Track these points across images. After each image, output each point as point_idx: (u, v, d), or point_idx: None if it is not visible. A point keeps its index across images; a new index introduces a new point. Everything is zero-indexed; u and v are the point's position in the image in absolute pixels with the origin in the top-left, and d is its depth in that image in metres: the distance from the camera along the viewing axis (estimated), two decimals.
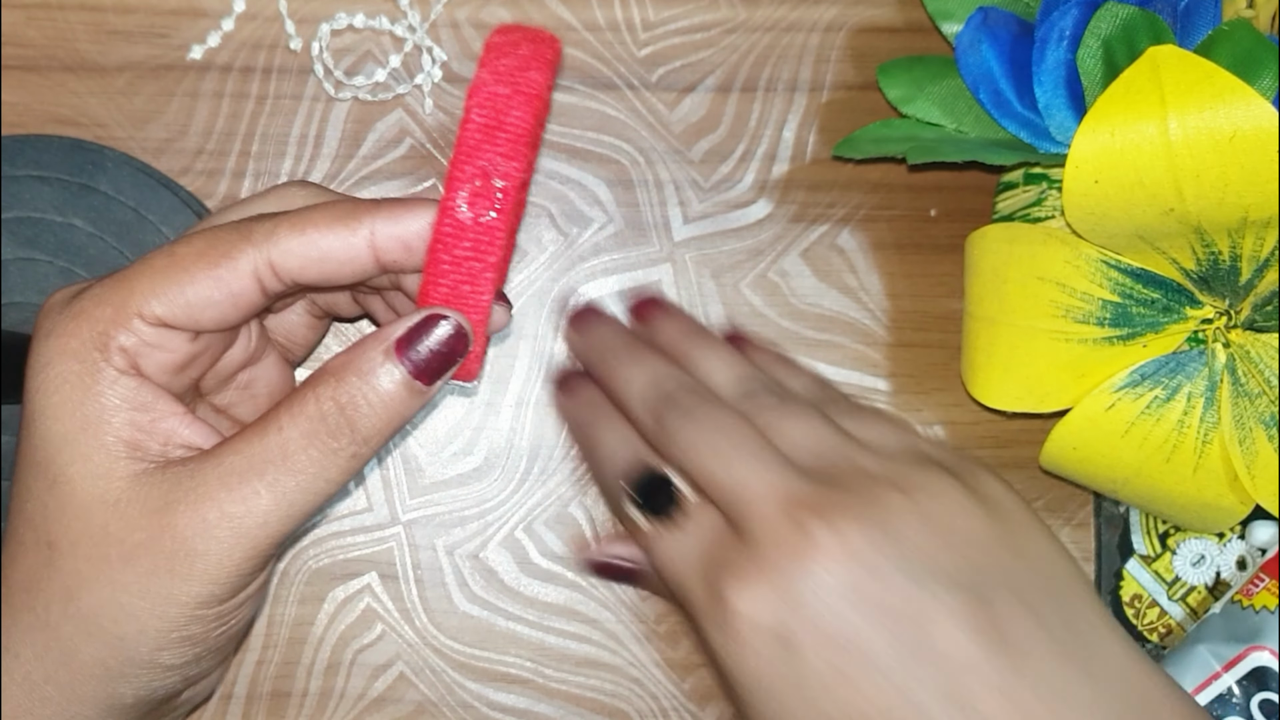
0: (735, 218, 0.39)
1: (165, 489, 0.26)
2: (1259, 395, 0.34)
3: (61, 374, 0.26)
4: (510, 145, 0.26)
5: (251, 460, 0.26)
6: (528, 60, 0.27)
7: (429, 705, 0.38)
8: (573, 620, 0.39)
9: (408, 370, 0.27)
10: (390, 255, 0.27)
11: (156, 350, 0.27)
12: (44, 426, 0.26)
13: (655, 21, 0.39)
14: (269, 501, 0.26)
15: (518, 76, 0.27)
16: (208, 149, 0.38)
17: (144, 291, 0.26)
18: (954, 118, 0.37)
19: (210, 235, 0.27)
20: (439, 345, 0.27)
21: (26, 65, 0.38)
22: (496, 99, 0.26)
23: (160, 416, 0.27)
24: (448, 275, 0.27)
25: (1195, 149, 0.31)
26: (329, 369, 0.27)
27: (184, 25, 0.38)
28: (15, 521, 0.27)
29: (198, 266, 0.27)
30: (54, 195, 0.36)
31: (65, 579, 0.26)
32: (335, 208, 0.27)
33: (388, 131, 0.39)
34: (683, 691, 0.39)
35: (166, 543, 0.26)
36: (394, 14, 0.39)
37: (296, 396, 0.27)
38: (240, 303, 0.27)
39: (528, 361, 0.39)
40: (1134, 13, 0.33)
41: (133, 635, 0.26)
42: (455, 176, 0.26)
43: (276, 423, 0.26)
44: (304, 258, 0.27)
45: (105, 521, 0.26)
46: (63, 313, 0.27)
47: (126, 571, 0.26)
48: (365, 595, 0.38)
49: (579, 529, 0.39)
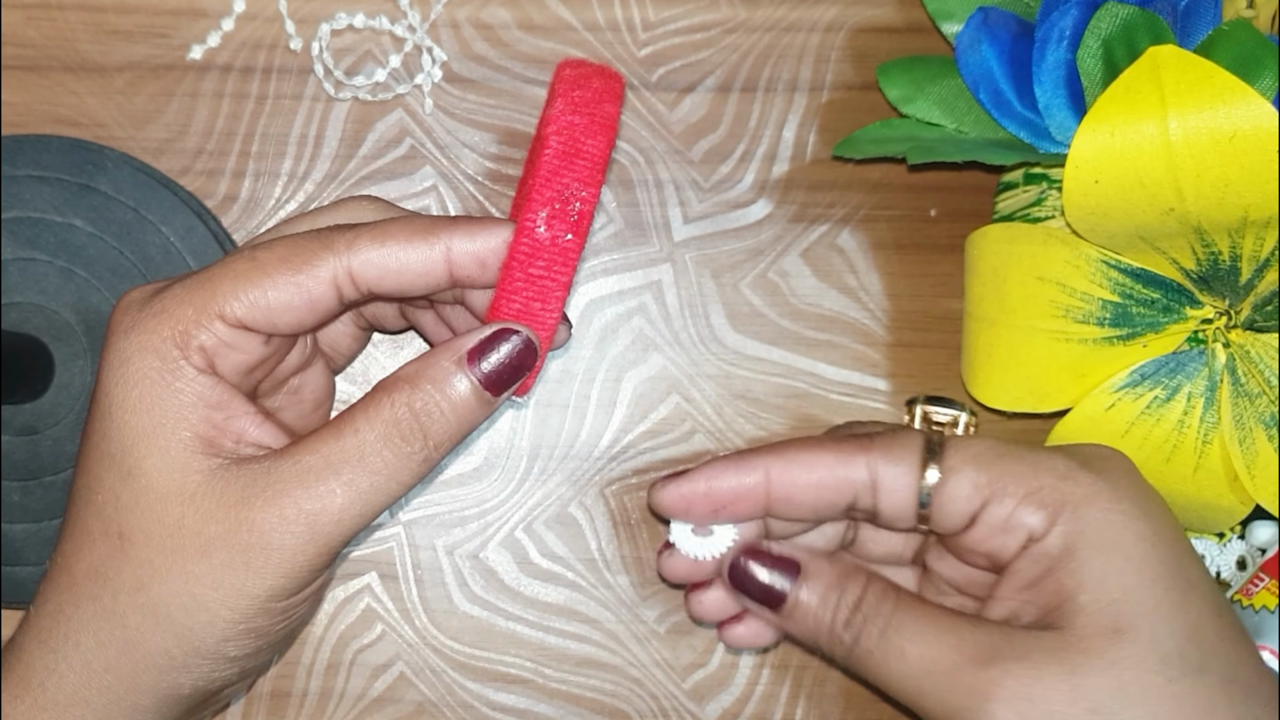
0: (735, 218, 0.39)
1: (241, 484, 0.27)
2: (1259, 395, 0.34)
3: (141, 369, 0.27)
4: (587, 171, 0.28)
5: (328, 459, 0.27)
6: (601, 93, 0.29)
7: (429, 705, 0.38)
8: (573, 620, 0.39)
9: (478, 380, 0.28)
10: (465, 270, 0.28)
11: (233, 351, 0.28)
12: (120, 419, 0.27)
13: (655, 21, 0.39)
14: (344, 500, 0.27)
15: (593, 108, 0.28)
16: (208, 149, 0.38)
17: (226, 293, 0.27)
18: (954, 118, 0.37)
19: (291, 242, 0.28)
20: (508, 358, 0.28)
21: (27, 65, 0.38)
22: (574, 128, 0.28)
23: (234, 415, 0.28)
24: (521, 292, 0.28)
25: (1195, 149, 0.31)
26: (403, 376, 0.28)
27: (184, 25, 0.38)
28: (82, 511, 0.28)
29: (280, 272, 0.27)
30: (54, 195, 0.36)
31: (137, 569, 0.27)
32: (413, 222, 0.28)
33: (388, 131, 0.39)
34: (683, 691, 0.39)
35: (243, 536, 0.27)
36: (394, 14, 0.39)
37: (372, 401, 0.28)
38: (318, 309, 0.28)
39: None
40: (1134, 13, 0.33)
41: (202, 626, 0.27)
42: (535, 198, 0.28)
43: (352, 425, 0.27)
44: (383, 268, 0.28)
45: (181, 514, 0.27)
46: (143, 310, 0.28)
47: (201, 563, 0.27)
48: (365, 595, 0.38)
49: (579, 529, 0.39)
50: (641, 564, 0.39)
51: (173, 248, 0.36)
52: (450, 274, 0.28)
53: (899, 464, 0.30)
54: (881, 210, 0.40)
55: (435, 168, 0.39)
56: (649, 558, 0.39)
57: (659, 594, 0.39)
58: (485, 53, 0.39)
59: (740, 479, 0.31)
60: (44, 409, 0.36)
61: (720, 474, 0.31)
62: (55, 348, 0.36)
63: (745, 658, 0.39)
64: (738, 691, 0.39)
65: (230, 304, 0.27)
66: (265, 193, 0.38)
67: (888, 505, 0.30)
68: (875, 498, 0.30)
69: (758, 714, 0.39)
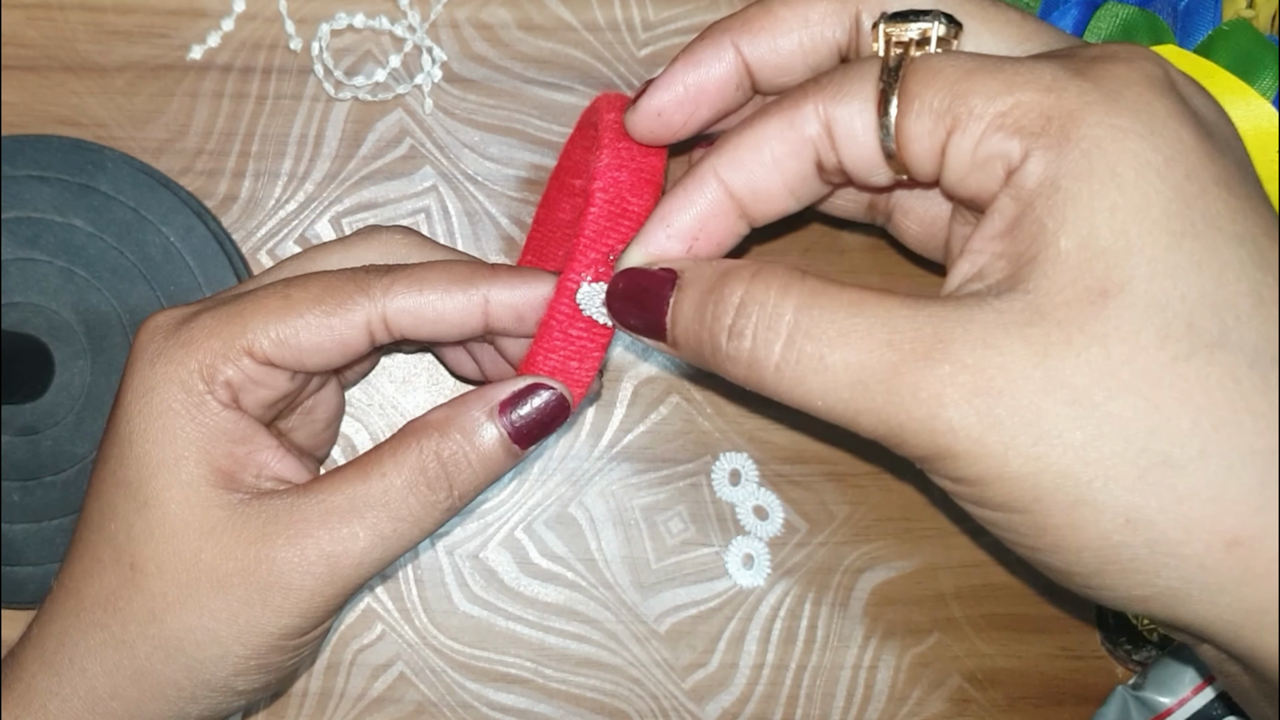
0: None
1: (262, 521, 0.27)
2: None
3: (165, 400, 0.27)
4: (632, 231, 0.27)
5: (353, 501, 0.27)
6: (645, 148, 0.28)
7: (429, 705, 0.38)
8: (572, 620, 0.39)
9: (507, 431, 0.27)
10: (501, 322, 0.28)
11: (259, 387, 0.28)
12: (140, 450, 0.27)
13: (655, 22, 0.39)
14: (366, 543, 0.27)
15: (639, 160, 0.28)
16: (208, 149, 0.38)
17: (256, 329, 0.27)
18: None
19: (326, 281, 0.28)
20: (540, 413, 0.28)
21: (27, 65, 0.38)
22: (620, 185, 0.27)
23: (256, 449, 0.28)
24: (558, 350, 0.28)
25: None
26: (433, 422, 0.28)
27: (184, 25, 0.38)
28: (93, 537, 0.28)
29: (312, 312, 0.27)
30: (54, 195, 0.36)
31: (149, 600, 0.27)
32: (451, 269, 0.28)
33: (388, 131, 0.39)
34: (682, 691, 0.39)
35: (261, 574, 0.26)
36: (394, 14, 0.39)
37: (401, 445, 0.27)
38: (347, 350, 0.28)
39: None
40: (1134, 12, 0.33)
41: (213, 660, 0.27)
42: (577, 259, 0.27)
43: (379, 468, 0.27)
44: (418, 316, 0.28)
45: (198, 549, 0.26)
46: (170, 339, 0.27)
47: (217, 598, 0.26)
48: (365, 595, 0.38)
49: (579, 529, 0.39)
50: (642, 564, 0.39)
51: (173, 248, 0.36)
52: (486, 324, 0.28)
53: (850, 101, 0.23)
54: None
55: (435, 168, 0.39)
56: (649, 558, 0.39)
57: (659, 593, 0.39)
58: (485, 53, 0.39)
59: (698, 189, 0.26)
60: (44, 409, 0.36)
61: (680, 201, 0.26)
62: (55, 348, 0.36)
63: (745, 658, 0.39)
64: (737, 692, 0.39)
65: (260, 340, 0.27)
66: (265, 193, 0.38)
67: (850, 155, 0.24)
68: (836, 150, 0.24)
69: (757, 714, 0.39)
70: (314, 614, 0.27)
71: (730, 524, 0.39)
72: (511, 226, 0.39)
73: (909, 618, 0.39)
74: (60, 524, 0.36)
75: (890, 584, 0.39)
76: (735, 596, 0.39)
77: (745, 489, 0.39)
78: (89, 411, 0.36)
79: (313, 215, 0.39)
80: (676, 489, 0.39)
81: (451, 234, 0.39)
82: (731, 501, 0.39)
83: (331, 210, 0.39)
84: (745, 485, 0.39)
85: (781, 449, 0.39)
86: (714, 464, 0.39)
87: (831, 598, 0.39)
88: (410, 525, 0.27)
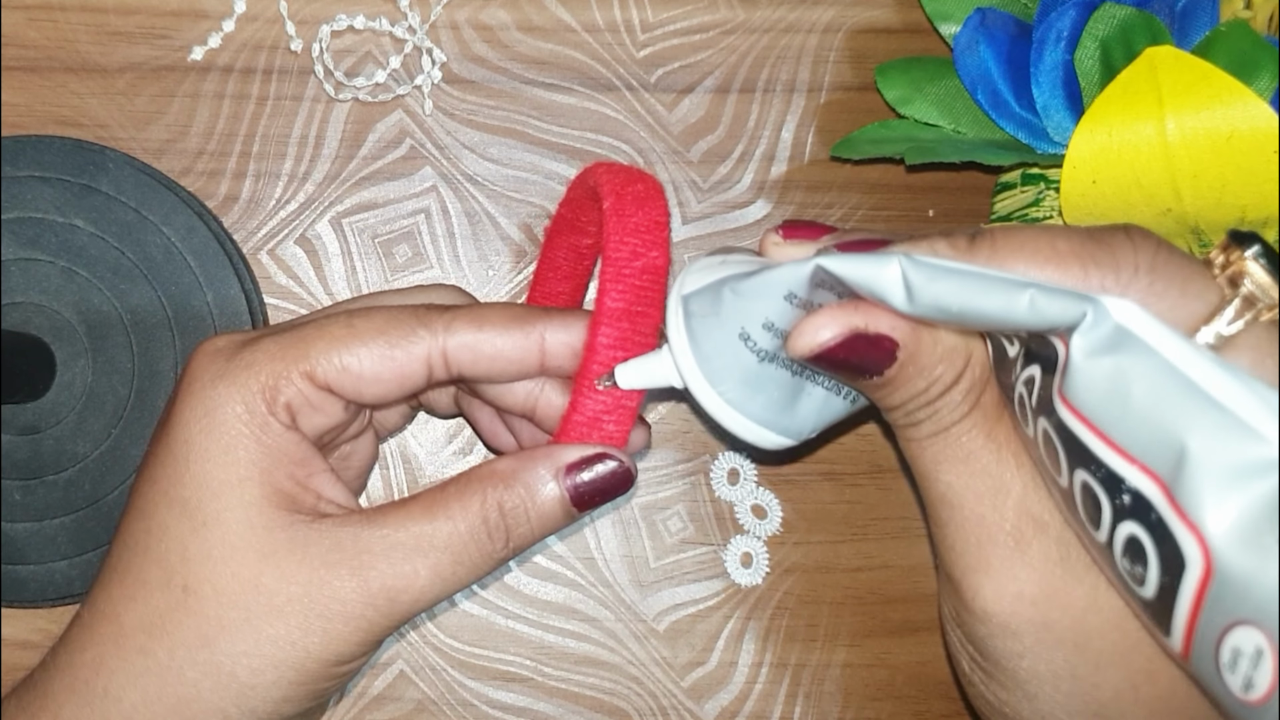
0: (734, 218, 0.40)
1: (324, 548, 0.27)
2: None
3: (227, 419, 0.27)
4: (646, 328, 0.28)
5: (419, 540, 0.27)
6: (650, 242, 0.28)
7: (429, 703, 0.38)
8: (572, 619, 0.39)
9: (569, 494, 0.28)
10: (558, 360, 0.28)
11: (315, 412, 0.28)
12: (200, 469, 0.27)
13: (654, 23, 0.40)
14: (426, 582, 0.27)
15: (643, 254, 0.27)
16: (209, 150, 0.39)
17: (319, 354, 0.27)
18: (952, 118, 0.37)
19: (389, 314, 0.28)
20: (604, 480, 0.28)
21: (28, 66, 0.38)
22: (637, 290, 0.28)
23: (314, 472, 0.28)
24: (596, 425, 0.28)
25: (1193, 149, 0.31)
26: (500, 472, 0.28)
27: (185, 27, 0.39)
28: (139, 559, 0.27)
29: (375, 342, 0.27)
30: (55, 196, 0.36)
31: (202, 624, 0.26)
32: (508, 308, 0.28)
33: (388, 132, 0.39)
34: (681, 690, 0.39)
35: (322, 602, 0.26)
36: (394, 15, 0.39)
37: (468, 490, 0.27)
38: (405, 384, 0.28)
39: None
40: (1131, 14, 0.33)
41: (265, 686, 0.27)
42: (590, 362, 0.27)
43: (446, 510, 0.27)
44: (477, 352, 0.28)
45: (258, 572, 0.26)
46: (232, 360, 0.27)
47: (275, 624, 0.26)
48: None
49: (579, 528, 0.39)
50: (641, 562, 0.39)
51: (174, 248, 0.37)
52: (542, 363, 0.28)
53: None
54: (879, 211, 0.40)
55: (435, 168, 0.39)
56: (648, 556, 0.39)
57: (658, 592, 0.39)
58: (485, 54, 0.39)
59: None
60: (45, 409, 0.36)
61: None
62: (56, 348, 0.36)
63: (744, 656, 0.39)
64: (736, 690, 0.39)
65: (321, 365, 0.27)
66: (266, 193, 0.39)
67: None
68: None
69: (756, 712, 0.39)
70: (367, 644, 0.27)
71: (729, 523, 0.39)
72: (511, 227, 0.39)
73: (908, 616, 0.39)
74: (62, 523, 0.36)
75: (889, 583, 0.39)
76: (734, 595, 0.39)
77: (744, 488, 0.39)
78: (90, 411, 0.36)
79: (313, 215, 0.39)
80: (675, 488, 0.39)
81: (451, 234, 0.39)
82: (730, 500, 0.39)
83: (332, 211, 0.39)
84: (744, 484, 0.39)
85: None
86: (713, 463, 0.39)
87: (830, 596, 0.39)
88: (467, 570, 0.27)
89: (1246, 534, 0.20)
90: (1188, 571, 0.20)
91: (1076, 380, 0.22)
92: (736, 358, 0.25)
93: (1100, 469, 0.22)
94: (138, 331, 0.36)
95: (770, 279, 0.25)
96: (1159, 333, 0.21)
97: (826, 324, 0.23)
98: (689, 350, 0.26)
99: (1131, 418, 0.21)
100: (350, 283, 0.39)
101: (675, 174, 0.39)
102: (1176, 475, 0.20)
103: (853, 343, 0.23)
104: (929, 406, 0.24)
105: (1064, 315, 0.22)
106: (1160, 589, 0.21)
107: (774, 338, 0.25)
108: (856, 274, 0.22)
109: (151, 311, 0.36)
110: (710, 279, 0.26)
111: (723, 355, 0.25)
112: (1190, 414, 0.20)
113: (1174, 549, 0.21)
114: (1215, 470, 0.20)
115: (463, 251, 0.39)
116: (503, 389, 0.30)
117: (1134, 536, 0.21)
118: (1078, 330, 0.22)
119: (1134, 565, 0.22)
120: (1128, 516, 0.21)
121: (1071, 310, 0.22)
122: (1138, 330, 0.21)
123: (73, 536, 0.36)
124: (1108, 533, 0.22)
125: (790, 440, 0.27)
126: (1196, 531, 0.20)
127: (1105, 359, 0.22)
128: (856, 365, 0.24)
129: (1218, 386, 0.20)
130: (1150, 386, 0.21)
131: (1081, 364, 0.22)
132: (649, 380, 0.27)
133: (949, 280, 0.22)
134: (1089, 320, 0.22)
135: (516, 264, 0.39)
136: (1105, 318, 0.22)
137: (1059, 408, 0.23)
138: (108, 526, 0.36)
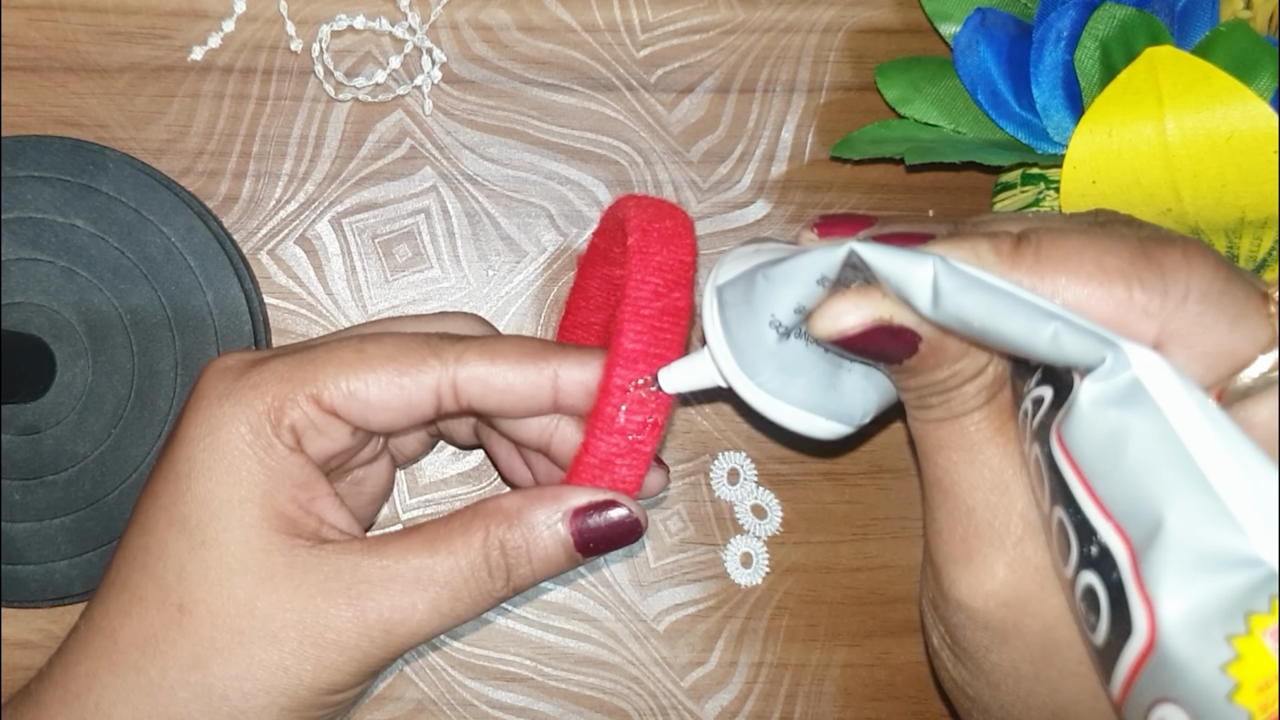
0: (734, 218, 0.40)
1: (323, 575, 0.26)
2: None
3: (231, 439, 0.26)
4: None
5: (419, 573, 0.26)
6: (672, 282, 0.27)
7: (429, 703, 0.38)
8: (572, 618, 0.39)
9: (573, 538, 0.27)
10: (571, 398, 0.28)
11: (320, 436, 0.27)
12: (202, 488, 0.26)
13: (654, 23, 0.40)
14: (424, 616, 0.27)
15: (664, 294, 0.27)
16: (208, 150, 0.39)
17: (326, 378, 0.27)
18: (952, 118, 0.37)
19: (400, 341, 0.27)
20: (611, 528, 0.27)
21: (28, 66, 0.38)
22: (655, 332, 0.27)
23: (317, 496, 0.27)
24: (613, 455, 0.27)
25: (1192, 149, 0.31)
26: (505, 510, 0.27)
27: (185, 27, 0.39)
28: (136, 575, 0.27)
29: (385, 370, 0.27)
30: (55, 196, 0.36)
31: (195, 646, 0.26)
32: (523, 342, 0.28)
33: (388, 132, 0.39)
34: (681, 690, 0.39)
35: (317, 630, 0.26)
36: (394, 15, 0.39)
37: (471, 526, 0.27)
38: (413, 413, 0.27)
39: None
40: (1131, 14, 0.33)
41: (256, 711, 0.26)
42: (605, 408, 0.27)
43: (449, 545, 0.27)
44: (488, 385, 0.27)
45: (254, 595, 0.26)
46: (239, 380, 0.27)
47: (269, 649, 0.26)
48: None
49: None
50: (641, 562, 0.39)
51: (174, 248, 0.37)
52: (556, 400, 0.28)
53: None
54: (879, 210, 0.40)
55: (435, 168, 0.39)
56: (648, 556, 0.39)
57: (658, 592, 0.39)
58: (485, 54, 0.39)
59: None
60: (45, 408, 0.36)
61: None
62: (56, 348, 0.36)
63: (744, 656, 0.39)
64: (736, 690, 0.39)
65: (329, 389, 0.27)
66: (265, 193, 0.39)
67: None
68: None
69: (756, 712, 0.39)
70: (362, 674, 0.27)
71: (729, 523, 0.39)
72: (511, 226, 0.39)
73: (908, 616, 0.39)
74: (62, 523, 0.36)
75: (889, 583, 0.39)
76: (734, 595, 0.39)
77: (744, 488, 0.39)
78: (90, 411, 0.36)
79: (313, 215, 0.39)
80: (675, 488, 0.39)
81: (451, 234, 0.39)
82: (730, 500, 0.39)
83: (332, 211, 0.39)
84: (744, 484, 0.39)
85: (780, 448, 0.39)
86: (712, 463, 0.39)
87: (829, 596, 0.39)
88: (465, 606, 0.27)
89: (1196, 624, 0.19)
90: (1132, 639, 0.20)
91: (1076, 425, 0.22)
92: (768, 344, 0.25)
93: (1077, 514, 0.22)
94: (138, 331, 0.36)
95: (802, 263, 0.24)
96: (1174, 393, 0.21)
97: (850, 310, 0.23)
98: (724, 342, 0.25)
99: (1120, 477, 0.21)
100: (350, 283, 0.39)
101: (675, 174, 0.39)
102: (1147, 546, 0.20)
103: (874, 333, 0.23)
104: (944, 394, 0.24)
105: (1084, 356, 0.21)
106: (1106, 643, 0.21)
107: (804, 321, 0.25)
108: (888, 267, 0.22)
109: (151, 311, 0.36)
110: (744, 267, 0.26)
111: (755, 344, 0.25)
112: (1177, 489, 0.20)
113: (1125, 614, 0.20)
114: (1185, 553, 0.20)
115: (463, 251, 0.39)
116: (517, 423, 0.30)
117: (1092, 587, 0.21)
118: (1092, 374, 0.21)
119: (1088, 613, 0.22)
120: (1092, 567, 0.21)
121: (1092, 353, 0.21)
122: (1152, 388, 0.21)
123: (73, 536, 0.36)
124: (1072, 572, 0.22)
125: (844, 426, 0.26)
126: (1150, 607, 0.20)
127: (1110, 411, 0.21)
128: (875, 353, 0.23)
129: (1214, 465, 0.20)
130: (1146, 451, 0.21)
131: (1086, 411, 0.21)
132: (693, 382, 0.26)
133: (978, 293, 0.21)
134: (1106, 366, 0.21)
135: (516, 264, 0.39)
136: (1124, 367, 0.21)
137: (1053, 444, 0.22)
138: (108, 526, 0.36)
